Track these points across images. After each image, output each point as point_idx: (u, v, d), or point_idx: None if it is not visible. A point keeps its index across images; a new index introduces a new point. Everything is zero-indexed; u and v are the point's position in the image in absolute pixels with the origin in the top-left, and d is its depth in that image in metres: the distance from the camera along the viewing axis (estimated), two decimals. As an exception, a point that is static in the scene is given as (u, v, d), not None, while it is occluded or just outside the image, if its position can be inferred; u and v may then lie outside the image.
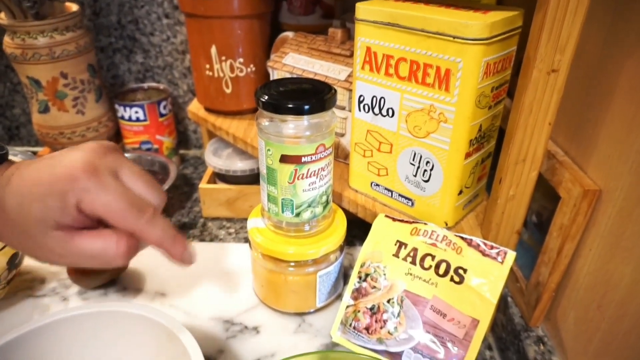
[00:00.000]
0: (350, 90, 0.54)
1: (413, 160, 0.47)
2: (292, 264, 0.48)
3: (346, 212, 0.54)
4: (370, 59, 0.46)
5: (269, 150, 0.44)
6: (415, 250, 0.42)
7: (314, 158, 0.44)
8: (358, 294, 0.43)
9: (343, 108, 0.56)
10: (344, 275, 0.56)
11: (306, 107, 0.42)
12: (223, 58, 0.67)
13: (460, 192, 0.46)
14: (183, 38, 0.81)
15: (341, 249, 0.51)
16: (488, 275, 0.38)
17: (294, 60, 0.61)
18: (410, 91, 0.44)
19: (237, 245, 0.64)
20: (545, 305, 0.43)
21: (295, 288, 0.50)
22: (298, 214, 0.47)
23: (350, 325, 0.42)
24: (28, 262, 0.58)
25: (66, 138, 0.76)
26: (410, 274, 0.41)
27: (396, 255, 0.43)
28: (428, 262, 0.41)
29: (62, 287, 0.56)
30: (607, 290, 0.36)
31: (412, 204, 0.49)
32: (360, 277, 0.44)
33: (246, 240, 0.66)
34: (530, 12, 0.37)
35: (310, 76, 0.57)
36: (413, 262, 0.41)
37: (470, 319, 0.38)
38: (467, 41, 0.38)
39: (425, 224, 0.43)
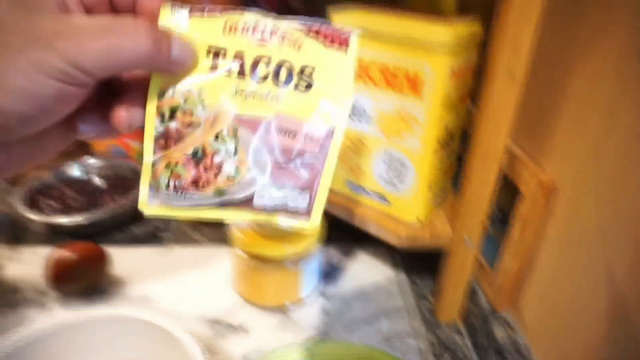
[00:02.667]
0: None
1: (387, 160, 0.49)
2: (276, 259, 0.50)
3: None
4: (344, 65, 0.48)
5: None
6: (240, 55, 0.29)
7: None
8: (167, 140, 0.30)
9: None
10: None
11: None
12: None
13: (430, 188, 0.50)
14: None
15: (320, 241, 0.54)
16: (334, 71, 0.29)
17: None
18: (381, 96, 0.47)
19: (215, 249, 0.66)
20: (510, 290, 0.47)
21: (280, 282, 0.52)
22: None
23: (168, 186, 0.30)
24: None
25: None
26: (241, 93, 0.29)
27: (214, 68, 0.29)
28: (262, 70, 0.29)
29: (39, 295, 0.56)
30: (564, 277, 0.40)
31: (387, 202, 0.52)
32: (162, 117, 0.29)
33: (223, 241, 0.68)
34: (489, 22, 0.40)
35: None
36: (241, 74, 0.29)
37: (325, 128, 0.29)
38: (435, 49, 0.41)
39: (241, 13, 0.29)
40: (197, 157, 0.30)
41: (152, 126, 0.29)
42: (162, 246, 0.66)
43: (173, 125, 0.29)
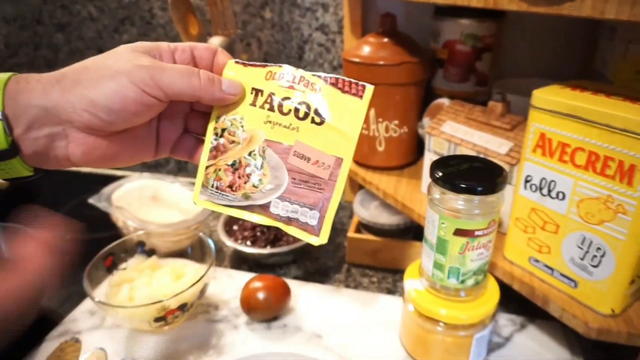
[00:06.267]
0: (511, 165, 0.56)
1: (582, 244, 0.47)
2: (449, 325, 0.51)
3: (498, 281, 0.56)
4: (544, 144, 0.48)
5: (443, 223, 0.48)
6: (272, 95, 0.38)
7: (485, 232, 0.47)
8: (217, 152, 0.40)
9: (501, 180, 0.58)
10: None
11: (479, 188, 0.46)
12: (380, 120, 0.74)
13: (632, 282, 0.46)
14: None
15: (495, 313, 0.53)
16: (347, 112, 0.36)
17: (452, 129, 0.65)
18: (585, 179, 0.45)
19: (382, 296, 0.69)
20: None
21: (449, 347, 0.53)
22: (462, 281, 0.50)
23: (213, 185, 0.40)
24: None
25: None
26: (270, 122, 0.38)
27: (253, 104, 0.38)
28: (287, 106, 0.37)
29: (233, 316, 0.65)
30: None
31: (575, 286, 0.49)
32: (216, 134, 0.40)
33: (388, 291, 0.71)
34: None
35: (469, 147, 0.61)
36: (271, 109, 0.38)
37: (334, 158, 0.36)
38: (658, 142, 0.39)
39: (280, 66, 0.38)
40: (235, 166, 0.39)
41: (209, 141, 0.40)
42: (331, 285, 0.72)
43: (221, 141, 0.39)
